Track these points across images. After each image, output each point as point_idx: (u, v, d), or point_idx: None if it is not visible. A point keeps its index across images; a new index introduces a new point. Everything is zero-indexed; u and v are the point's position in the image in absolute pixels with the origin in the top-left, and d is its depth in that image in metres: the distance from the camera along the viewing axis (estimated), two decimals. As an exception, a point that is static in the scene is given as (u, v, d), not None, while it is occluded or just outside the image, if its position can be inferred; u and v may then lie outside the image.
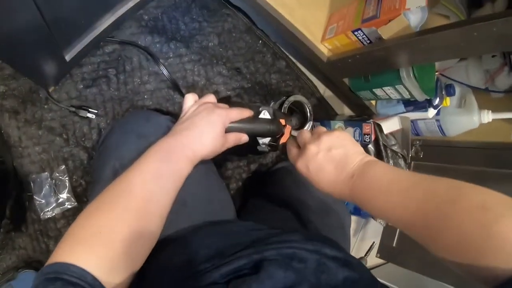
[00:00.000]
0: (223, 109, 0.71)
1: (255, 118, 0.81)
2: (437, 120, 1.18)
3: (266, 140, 0.88)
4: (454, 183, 0.51)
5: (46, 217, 0.96)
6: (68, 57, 0.85)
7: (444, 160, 1.21)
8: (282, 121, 0.87)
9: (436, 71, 1.17)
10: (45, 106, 0.96)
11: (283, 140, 0.87)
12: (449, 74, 1.19)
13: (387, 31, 0.92)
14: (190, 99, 0.74)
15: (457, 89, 1.15)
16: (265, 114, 0.84)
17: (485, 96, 1.16)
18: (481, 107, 1.12)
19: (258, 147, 0.90)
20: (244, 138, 0.78)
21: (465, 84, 1.17)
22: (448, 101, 1.14)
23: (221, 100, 0.88)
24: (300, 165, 0.67)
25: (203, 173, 0.78)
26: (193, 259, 0.57)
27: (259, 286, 0.47)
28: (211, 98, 0.74)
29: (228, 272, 0.51)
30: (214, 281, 0.50)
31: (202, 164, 0.73)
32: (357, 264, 0.56)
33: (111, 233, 0.52)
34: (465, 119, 1.13)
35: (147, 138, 0.71)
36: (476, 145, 1.15)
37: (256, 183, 1.18)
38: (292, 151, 0.71)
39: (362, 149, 0.66)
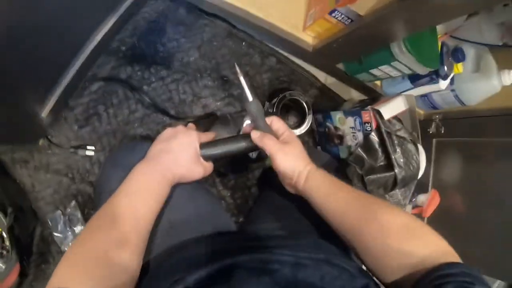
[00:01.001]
0: (193, 130, 0.74)
1: (229, 138, 0.78)
2: (453, 90, 1.03)
3: (254, 153, 0.86)
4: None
5: (66, 249, 1.06)
6: (44, 114, 0.92)
7: (468, 133, 1.06)
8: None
9: (444, 34, 1.01)
10: (49, 151, 1.06)
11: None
12: (459, 34, 1.02)
13: (363, 6, 0.83)
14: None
15: (471, 51, 0.99)
16: (248, 124, 0.81)
17: (504, 54, 0.98)
18: (501, 67, 0.96)
19: (250, 156, 0.89)
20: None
21: (479, 43, 0.99)
22: (460, 67, 0.99)
23: (203, 119, 0.87)
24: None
25: (187, 194, 0.80)
26: (170, 270, 0.60)
27: None
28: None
29: (199, 278, 0.52)
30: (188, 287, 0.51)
31: (187, 185, 0.76)
32: (339, 263, 0.56)
33: (105, 256, 0.55)
34: (484, 84, 0.97)
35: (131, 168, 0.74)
36: (501, 112, 0.99)
37: (261, 188, 1.15)
38: None
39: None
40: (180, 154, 0.69)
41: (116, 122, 1.08)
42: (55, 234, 1.05)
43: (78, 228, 1.06)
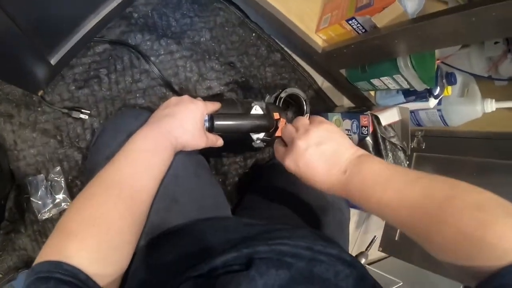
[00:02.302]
0: (200, 100, 0.73)
1: (244, 114, 0.80)
2: (439, 110, 1.14)
3: (261, 135, 0.87)
4: (450, 182, 0.51)
5: (44, 218, 0.98)
6: (53, 61, 0.85)
7: (447, 151, 1.18)
8: (276, 115, 0.86)
9: (437, 59, 1.12)
10: (39, 109, 0.97)
11: (278, 133, 0.86)
12: (450, 62, 1.15)
13: (382, 19, 0.90)
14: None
15: (459, 78, 1.11)
16: (256, 110, 0.83)
17: (488, 85, 1.11)
18: (485, 95, 1.08)
19: (253, 143, 0.89)
20: (220, 142, 0.79)
21: (467, 72, 1.13)
22: (449, 90, 1.10)
23: (213, 97, 0.87)
24: (289, 163, 0.64)
25: (192, 169, 0.79)
26: (183, 255, 0.57)
27: (249, 285, 0.46)
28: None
29: (216, 265, 0.50)
30: (201, 274, 0.49)
31: (191, 159, 0.76)
32: (350, 261, 0.55)
33: (104, 224, 0.52)
34: (468, 109, 1.09)
35: None
36: (480, 135, 1.11)
37: (253, 178, 1.17)
38: (279, 149, 0.69)
39: (351, 142, 0.64)
40: (186, 119, 0.68)
41: (117, 89, 1.03)
42: (34, 200, 0.96)
43: (60, 196, 0.99)
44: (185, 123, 0.67)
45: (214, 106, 0.76)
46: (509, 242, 0.42)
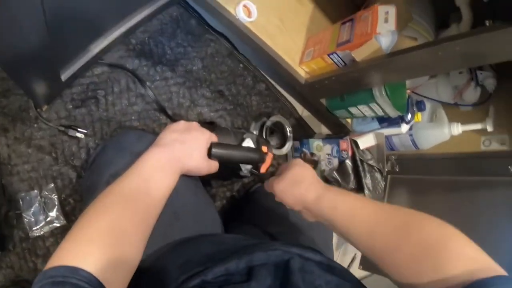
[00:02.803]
0: (206, 129, 0.79)
1: (239, 146, 0.86)
2: (410, 135, 1.24)
3: (249, 166, 0.93)
4: (412, 210, 0.60)
5: (35, 235, 0.96)
6: (64, 77, 0.88)
7: (419, 172, 1.27)
8: (264, 149, 0.93)
9: (408, 89, 1.24)
10: (35, 125, 0.99)
11: (264, 167, 0.92)
12: (420, 91, 1.28)
13: (360, 54, 0.99)
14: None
15: (428, 105, 1.23)
16: (248, 142, 0.90)
17: (454, 110, 1.24)
18: (451, 120, 1.20)
19: (241, 172, 0.95)
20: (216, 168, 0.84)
21: (435, 100, 1.25)
22: (419, 116, 1.21)
23: (206, 124, 0.93)
24: (277, 183, 0.77)
25: (192, 189, 0.83)
26: (185, 265, 0.59)
27: None
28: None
29: (218, 274, 0.52)
30: (205, 281, 0.51)
31: (191, 181, 0.80)
32: (340, 270, 0.59)
33: (120, 235, 0.54)
34: (436, 132, 1.20)
35: (139, 155, 0.74)
36: (448, 156, 1.22)
37: (240, 202, 1.21)
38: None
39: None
40: (194, 147, 0.74)
41: (114, 110, 1.07)
42: (25, 216, 0.95)
43: (52, 214, 0.98)
44: (193, 151, 0.73)
45: (216, 138, 0.82)
46: (470, 252, 0.49)
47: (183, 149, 0.71)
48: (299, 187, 0.73)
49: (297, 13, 1.19)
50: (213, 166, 0.79)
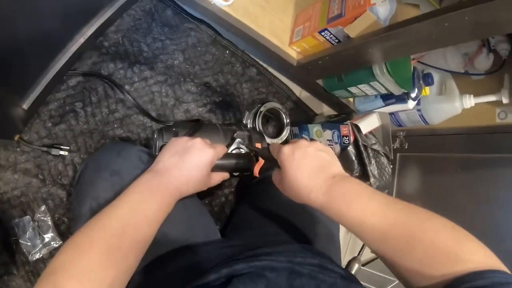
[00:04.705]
0: (213, 148, 0.71)
1: (228, 155, 0.80)
2: (419, 110, 1.15)
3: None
4: (424, 209, 0.55)
5: (35, 258, 0.97)
6: (26, 106, 0.85)
7: (429, 149, 1.19)
8: (259, 145, 0.88)
9: (412, 59, 1.13)
10: (18, 149, 0.97)
11: (257, 168, 0.86)
12: (426, 60, 1.15)
13: (354, 30, 0.89)
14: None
15: (436, 75, 1.11)
16: (239, 144, 0.83)
17: (465, 80, 1.12)
18: (462, 91, 1.09)
19: (234, 173, 0.90)
20: (226, 176, 0.80)
21: (443, 69, 1.13)
22: (427, 90, 1.11)
23: (191, 123, 0.87)
24: (286, 150, 0.65)
25: (182, 202, 0.79)
26: (167, 280, 0.60)
27: None
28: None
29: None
30: None
31: None
32: (333, 269, 0.57)
33: (102, 271, 0.52)
34: (447, 106, 1.10)
35: (120, 174, 0.71)
36: (461, 131, 1.13)
37: (240, 196, 1.17)
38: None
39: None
40: (194, 174, 0.67)
41: (94, 121, 1.02)
42: (23, 242, 0.96)
43: (48, 235, 0.98)
44: (191, 179, 0.67)
45: (223, 150, 0.76)
46: (482, 257, 0.47)
47: (181, 177, 0.65)
48: (301, 194, 0.63)
49: (281, -13, 1.07)
50: (212, 182, 0.75)
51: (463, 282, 0.43)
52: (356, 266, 1.21)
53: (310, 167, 0.63)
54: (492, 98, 1.03)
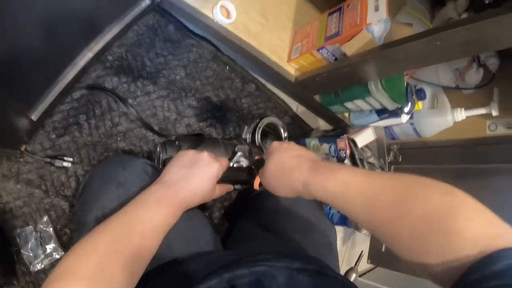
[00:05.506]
0: (218, 162, 0.74)
1: (234, 168, 0.83)
2: (412, 124, 1.19)
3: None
4: (415, 176, 0.52)
5: (36, 269, 0.97)
6: (35, 117, 0.86)
7: (423, 161, 1.22)
8: (257, 157, 0.89)
9: (406, 75, 1.17)
10: (21, 159, 0.98)
11: (257, 182, 0.88)
12: (418, 76, 1.20)
13: (351, 48, 0.93)
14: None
15: (428, 90, 1.16)
16: (240, 157, 0.86)
17: (456, 94, 1.17)
18: (454, 105, 1.13)
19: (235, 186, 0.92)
20: (230, 188, 0.83)
21: (435, 84, 1.18)
22: (420, 104, 1.15)
23: (193, 136, 0.89)
24: (274, 143, 0.75)
25: (187, 215, 0.80)
26: (168, 284, 0.60)
27: None
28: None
29: None
30: None
31: None
32: (331, 275, 0.58)
33: (108, 275, 0.52)
34: (439, 120, 1.14)
35: (125, 186, 0.73)
36: (453, 143, 1.17)
37: (239, 209, 1.19)
38: None
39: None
40: (200, 186, 0.70)
41: (98, 134, 1.04)
42: (24, 252, 0.96)
43: (50, 246, 0.98)
44: (198, 191, 0.69)
45: (226, 163, 0.78)
46: (483, 221, 0.43)
47: (189, 188, 0.68)
48: (284, 177, 0.67)
49: (280, 5, 1.12)
50: (220, 191, 0.78)
51: (473, 269, 0.39)
52: (353, 276, 1.22)
53: (295, 152, 0.70)
54: (482, 111, 1.07)
